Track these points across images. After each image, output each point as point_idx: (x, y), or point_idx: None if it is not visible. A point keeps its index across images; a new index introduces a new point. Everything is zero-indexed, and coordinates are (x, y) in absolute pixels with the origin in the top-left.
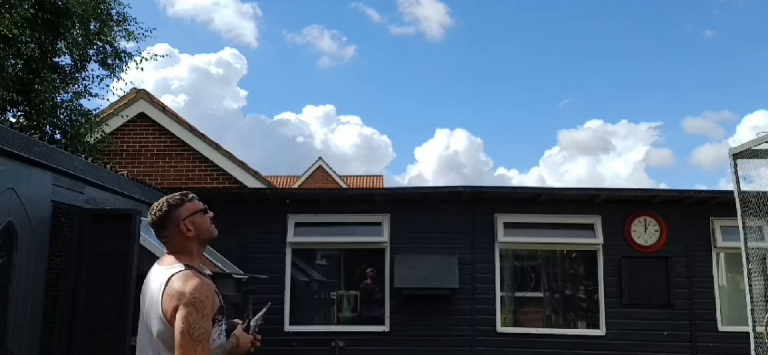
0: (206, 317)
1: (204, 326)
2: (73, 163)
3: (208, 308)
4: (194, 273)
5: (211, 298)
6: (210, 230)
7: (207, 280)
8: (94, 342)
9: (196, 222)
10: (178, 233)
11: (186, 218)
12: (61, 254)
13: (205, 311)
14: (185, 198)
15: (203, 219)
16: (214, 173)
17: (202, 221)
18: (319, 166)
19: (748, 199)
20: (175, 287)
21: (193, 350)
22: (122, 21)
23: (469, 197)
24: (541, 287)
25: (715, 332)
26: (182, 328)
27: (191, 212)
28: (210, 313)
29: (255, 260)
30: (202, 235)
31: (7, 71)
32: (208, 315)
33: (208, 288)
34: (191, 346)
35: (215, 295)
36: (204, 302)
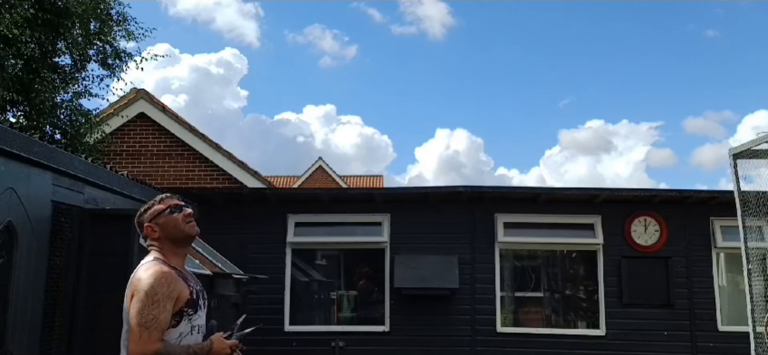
0: (158, 304)
1: (153, 312)
2: (73, 163)
3: (161, 296)
4: (156, 263)
5: (166, 286)
6: (178, 228)
7: (168, 269)
8: (94, 342)
9: (160, 223)
10: (148, 235)
11: (151, 220)
12: (61, 254)
13: (156, 297)
14: (153, 203)
15: (169, 219)
16: (214, 173)
17: (167, 220)
18: (319, 167)
19: (748, 199)
20: (135, 276)
21: (138, 335)
22: (122, 21)
23: (469, 197)
24: (541, 287)
25: (715, 332)
26: (132, 313)
27: (155, 214)
28: (164, 300)
29: (255, 260)
30: (170, 234)
31: (7, 71)
32: (161, 302)
33: (164, 277)
34: (137, 331)
35: (180, 285)
36: (156, 289)
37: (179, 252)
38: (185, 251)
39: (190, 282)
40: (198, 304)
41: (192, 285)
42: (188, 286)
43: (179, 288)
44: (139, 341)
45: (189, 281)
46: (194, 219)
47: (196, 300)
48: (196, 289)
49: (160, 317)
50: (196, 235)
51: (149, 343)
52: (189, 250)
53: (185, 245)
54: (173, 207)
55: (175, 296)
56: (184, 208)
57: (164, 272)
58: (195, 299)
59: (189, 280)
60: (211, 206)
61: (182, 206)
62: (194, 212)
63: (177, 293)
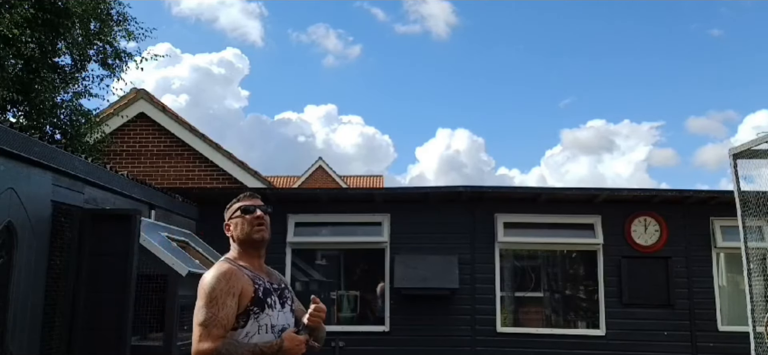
0: (216, 302)
1: (212, 310)
2: (73, 163)
3: (219, 293)
4: (221, 262)
5: (225, 283)
6: (244, 231)
7: (228, 267)
8: (94, 342)
9: (232, 223)
10: (227, 232)
11: (228, 219)
12: (61, 254)
13: (214, 295)
14: (235, 200)
15: (238, 220)
16: (214, 173)
17: (237, 222)
18: (319, 166)
19: (748, 199)
20: (202, 277)
21: (198, 334)
22: (122, 21)
23: (469, 197)
24: (541, 287)
25: (715, 332)
26: (195, 313)
27: (231, 213)
28: (223, 297)
29: None
30: (238, 235)
31: (7, 71)
32: (220, 300)
33: (223, 274)
34: (197, 330)
35: (242, 281)
36: (214, 287)
37: (250, 253)
38: (257, 253)
39: (257, 281)
40: (266, 303)
41: (259, 283)
42: (254, 284)
43: (241, 285)
44: (198, 339)
45: (257, 280)
46: (265, 224)
47: (262, 299)
48: (265, 287)
49: (219, 315)
50: (263, 240)
51: (208, 340)
52: (261, 252)
53: (252, 248)
54: (244, 208)
55: (235, 293)
56: (255, 210)
57: (223, 270)
58: (261, 298)
59: (257, 279)
60: (211, 206)
61: (254, 207)
62: (267, 214)
63: (238, 289)
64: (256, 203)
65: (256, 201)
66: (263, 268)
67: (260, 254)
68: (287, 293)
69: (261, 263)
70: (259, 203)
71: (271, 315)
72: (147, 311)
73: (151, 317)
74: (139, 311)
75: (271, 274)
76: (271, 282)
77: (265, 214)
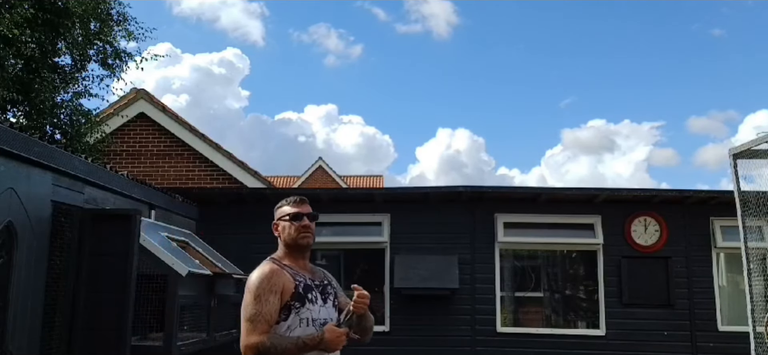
0: (259, 299)
1: (257, 307)
2: (73, 163)
3: (263, 290)
4: (265, 262)
5: (267, 281)
6: (291, 236)
7: (271, 266)
8: (94, 342)
9: (280, 226)
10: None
11: (276, 219)
12: (61, 254)
13: (257, 293)
14: (283, 203)
15: (286, 225)
16: (214, 173)
17: (285, 226)
18: (319, 166)
19: (748, 199)
20: (249, 277)
21: (245, 330)
22: (122, 21)
23: (469, 197)
24: (541, 287)
25: (715, 332)
26: (241, 310)
27: (278, 216)
28: (266, 295)
29: (255, 260)
30: (285, 239)
31: (7, 71)
32: (263, 297)
33: (266, 273)
34: (244, 326)
35: (283, 279)
36: (258, 285)
37: (295, 254)
38: (301, 255)
39: (297, 278)
40: (306, 297)
41: (299, 280)
42: (294, 281)
43: (282, 281)
44: (245, 335)
45: (297, 277)
46: (311, 231)
47: (303, 295)
48: (306, 284)
49: (263, 311)
50: (308, 246)
51: (255, 334)
52: (305, 254)
53: (298, 252)
54: (293, 215)
55: (277, 289)
56: (303, 218)
57: (266, 270)
58: (302, 293)
59: (298, 276)
60: (211, 206)
61: (302, 215)
62: (312, 220)
63: (280, 286)
64: (305, 209)
65: (305, 207)
66: (307, 266)
67: (305, 255)
68: (330, 289)
69: (305, 262)
70: (308, 209)
71: (312, 310)
72: (147, 311)
73: (151, 317)
74: (139, 311)
75: (314, 272)
76: (313, 279)
77: (312, 221)
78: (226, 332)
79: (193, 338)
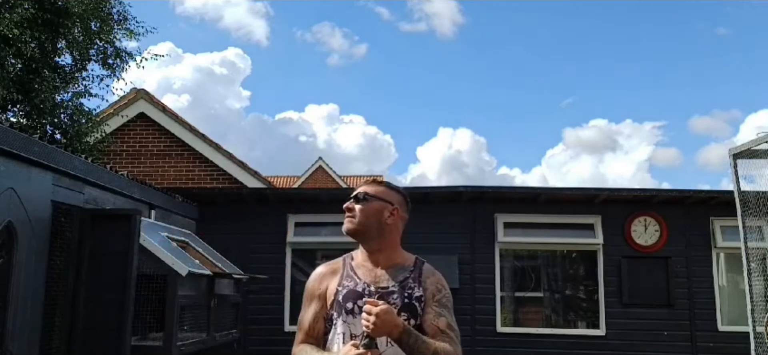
0: (303, 305)
1: (302, 314)
2: (73, 163)
3: (306, 296)
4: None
5: (309, 285)
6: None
7: (320, 268)
8: (94, 342)
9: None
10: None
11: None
12: (61, 254)
13: (304, 297)
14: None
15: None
16: (214, 173)
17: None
18: (319, 166)
19: (748, 199)
20: None
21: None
22: (123, 20)
23: (469, 197)
24: (541, 287)
25: (715, 332)
26: None
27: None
28: (307, 300)
29: (255, 260)
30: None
31: (7, 71)
32: (305, 303)
33: (313, 276)
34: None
35: (325, 282)
36: (306, 288)
37: (363, 247)
38: (367, 246)
39: (349, 279)
40: (344, 307)
41: (348, 283)
42: (341, 283)
43: (323, 286)
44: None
45: (346, 280)
46: (354, 212)
47: (341, 303)
48: (353, 289)
49: (303, 319)
50: (349, 231)
51: (295, 343)
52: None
53: (361, 243)
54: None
55: (317, 294)
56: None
57: (316, 271)
58: (340, 302)
59: (348, 279)
60: (211, 206)
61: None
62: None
63: (322, 290)
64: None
65: (362, 189)
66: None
67: (373, 247)
68: (398, 297)
69: (384, 257)
70: (361, 190)
71: (352, 323)
72: (147, 311)
73: (151, 317)
74: (139, 311)
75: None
76: (375, 282)
77: (358, 201)
78: (226, 332)
79: (193, 338)
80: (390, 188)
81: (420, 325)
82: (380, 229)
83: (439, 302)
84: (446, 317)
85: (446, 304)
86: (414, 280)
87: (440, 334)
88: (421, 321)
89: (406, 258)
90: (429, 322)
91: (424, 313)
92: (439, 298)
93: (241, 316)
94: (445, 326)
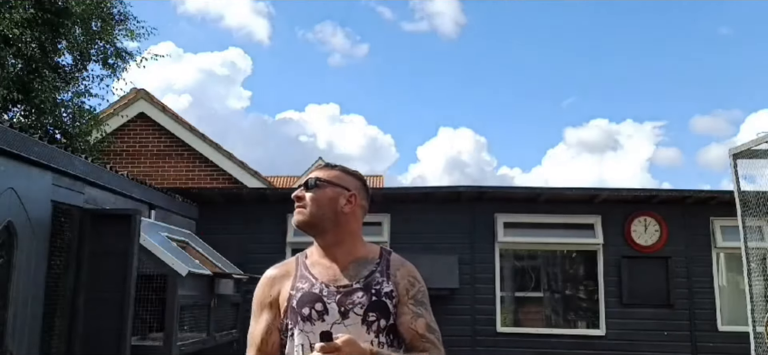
0: (253, 316)
1: (252, 327)
2: (73, 164)
3: (256, 303)
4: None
5: (259, 292)
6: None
7: (272, 269)
8: (94, 342)
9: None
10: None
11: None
12: (61, 255)
13: (253, 306)
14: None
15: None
16: (214, 173)
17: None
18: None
19: (748, 199)
20: None
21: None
22: (124, 20)
23: (469, 196)
24: (541, 287)
25: (715, 332)
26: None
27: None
28: (256, 309)
29: (255, 260)
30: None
31: (7, 71)
32: (255, 313)
33: (262, 281)
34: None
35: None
36: (255, 296)
37: (317, 242)
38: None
39: (303, 280)
40: (300, 314)
41: (302, 285)
42: (294, 286)
43: (275, 292)
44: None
45: (305, 279)
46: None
47: (296, 309)
48: (309, 291)
49: (253, 333)
50: (298, 224)
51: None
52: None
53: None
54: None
55: (268, 302)
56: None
57: (265, 275)
58: (295, 308)
59: (303, 280)
60: (211, 206)
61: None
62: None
63: (273, 296)
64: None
65: (313, 174)
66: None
67: (329, 241)
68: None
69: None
70: (312, 175)
71: (310, 331)
72: (147, 311)
73: (151, 317)
74: (139, 311)
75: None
76: (335, 281)
77: (309, 188)
78: (226, 332)
79: (193, 338)
80: (345, 172)
81: (393, 325)
82: (336, 219)
83: (415, 300)
84: (425, 317)
85: (423, 300)
86: (381, 274)
87: (420, 338)
88: (395, 322)
89: (369, 250)
90: (406, 325)
91: (399, 313)
92: (414, 294)
93: (241, 316)
94: (424, 329)
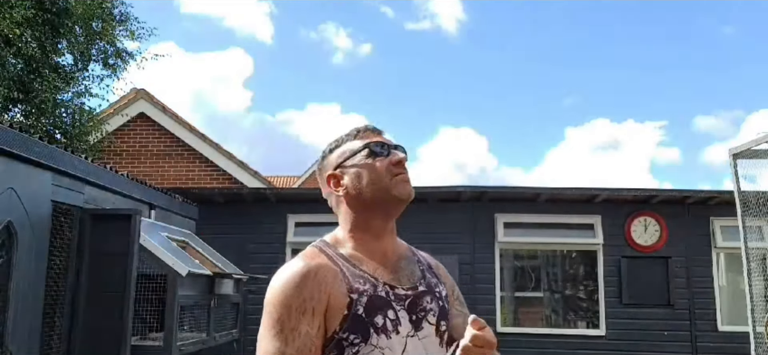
0: (280, 331)
1: (274, 345)
2: (73, 163)
3: (286, 312)
4: (300, 256)
5: (292, 297)
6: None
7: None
8: (94, 342)
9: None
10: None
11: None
12: (61, 254)
13: (278, 317)
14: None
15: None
16: (214, 173)
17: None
18: None
19: (748, 199)
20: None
21: None
22: (124, 20)
23: (469, 196)
24: (541, 287)
25: (715, 332)
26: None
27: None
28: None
29: (255, 260)
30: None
31: (7, 71)
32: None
33: (296, 276)
34: None
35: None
36: (280, 301)
37: (375, 227)
38: (387, 224)
39: (359, 280)
40: (372, 324)
41: (362, 286)
42: (350, 290)
43: (326, 292)
44: None
45: (360, 278)
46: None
47: (364, 319)
48: (376, 293)
49: (285, 351)
50: (408, 199)
51: None
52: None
53: (384, 214)
54: (375, 145)
55: (316, 308)
56: (390, 152)
57: (296, 271)
58: (362, 316)
59: (360, 278)
60: (211, 206)
61: (390, 146)
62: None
63: (321, 300)
64: (388, 140)
65: (384, 137)
66: (393, 253)
67: (390, 227)
68: (430, 300)
69: (391, 244)
70: (391, 140)
71: (386, 347)
72: (147, 311)
73: (151, 317)
74: (139, 311)
75: (403, 265)
76: (398, 280)
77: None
78: (226, 332)
79: (193, 338)
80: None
81: (448, 333)
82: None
83: (460, 300)
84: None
85: (464, 300)
86: (430, 273)
87: None
88: (449, 328)
89: (399, 242)
90: (460, 330)
91: (451, 317)
92: (458, 294)
93: (241, 316)
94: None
